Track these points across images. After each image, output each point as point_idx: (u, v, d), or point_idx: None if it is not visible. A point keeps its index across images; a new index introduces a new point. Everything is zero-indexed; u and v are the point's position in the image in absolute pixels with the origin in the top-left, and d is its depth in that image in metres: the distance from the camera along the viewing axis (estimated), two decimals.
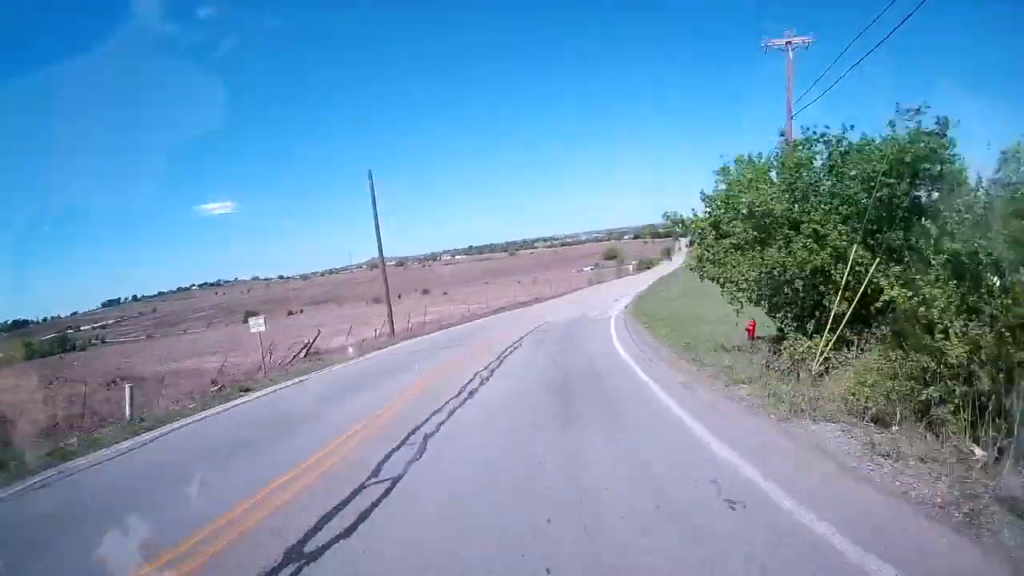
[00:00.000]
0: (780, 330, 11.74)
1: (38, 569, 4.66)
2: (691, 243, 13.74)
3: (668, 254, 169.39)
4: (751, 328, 13.58)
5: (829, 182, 9.75)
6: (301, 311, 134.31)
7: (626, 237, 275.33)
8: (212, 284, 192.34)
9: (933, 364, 5.51)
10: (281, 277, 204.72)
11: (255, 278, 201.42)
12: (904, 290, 6.22)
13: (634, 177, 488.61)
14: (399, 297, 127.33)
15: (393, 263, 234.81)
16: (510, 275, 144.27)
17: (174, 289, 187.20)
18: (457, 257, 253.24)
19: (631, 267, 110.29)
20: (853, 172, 9.04)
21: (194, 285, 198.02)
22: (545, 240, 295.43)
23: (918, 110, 8.23)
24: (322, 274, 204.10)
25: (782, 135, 14.50)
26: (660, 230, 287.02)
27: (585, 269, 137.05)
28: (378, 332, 33.90)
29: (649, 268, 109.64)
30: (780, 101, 19.77)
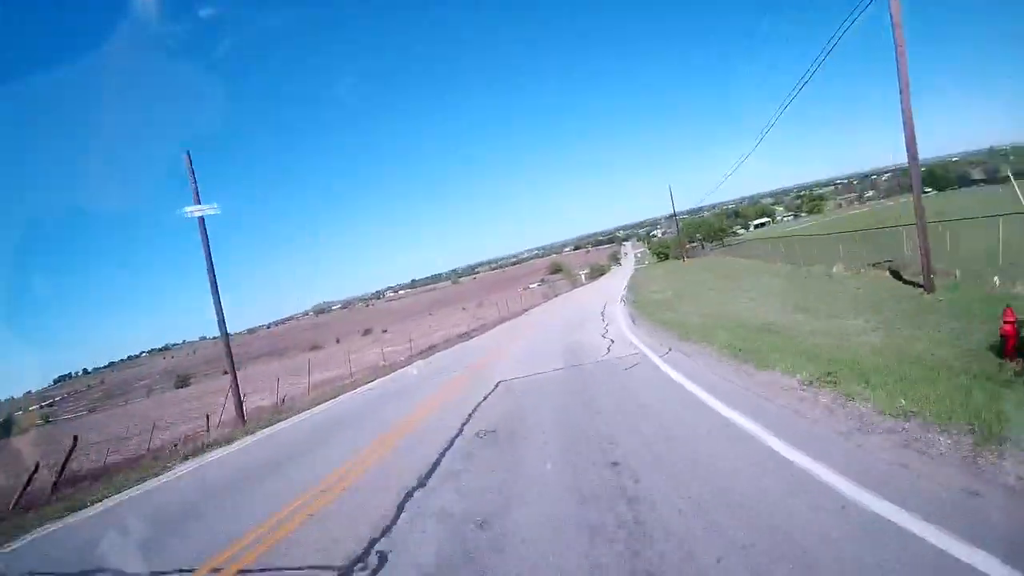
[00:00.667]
0: None
1: None
2: None
3: (616, 259, 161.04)
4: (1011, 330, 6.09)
5: None
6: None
7: (566, 249, 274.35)
8: (160, 349, 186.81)
9: None
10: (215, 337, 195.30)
11: (203, 337, 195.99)
12: None
13: (571, 190, 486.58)
14: (337, 341, 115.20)
15: (339, 305, 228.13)
16: (456, 303, 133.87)
17: (124, 358, 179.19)
18: (401, 292, 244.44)
19: (583, 276, 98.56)
20: None
21: (143, 352, 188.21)
22: (486, 264, 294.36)
23: None
24: (268, 326, 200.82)
25: None
26: (601, 237, 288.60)
27: (532, 286, 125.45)
28: (219, 420, 20.04)
29: (603, 275, 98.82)
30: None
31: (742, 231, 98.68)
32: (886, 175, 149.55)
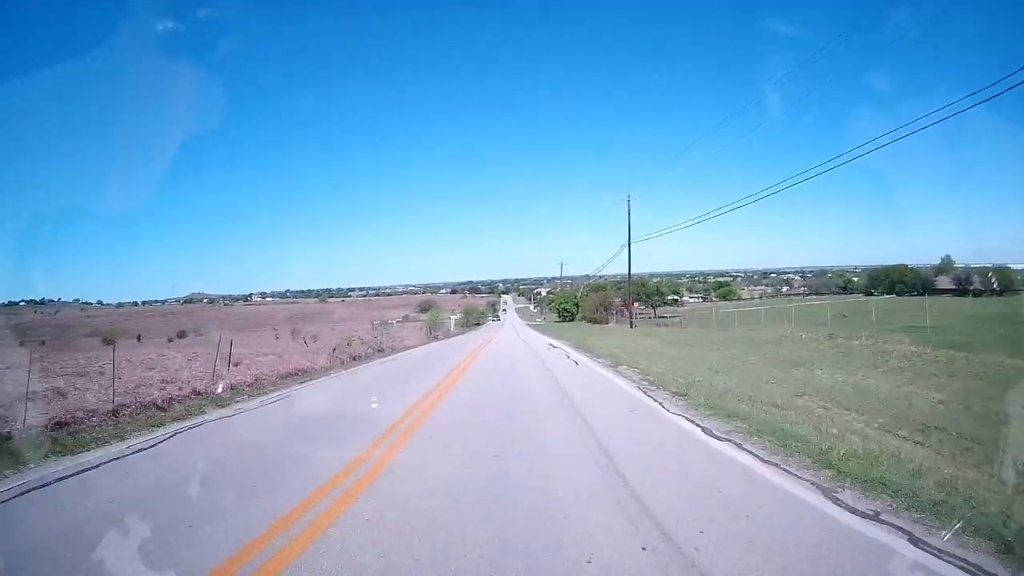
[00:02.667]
0: None
1: None
2: None
3: (494, 309, 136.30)
4: None
5: None
6: (42, 341, 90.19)
7: (443, 291, 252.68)
8: (38, 302, 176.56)
9: None
10: (99, 303, 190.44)
11: (76, 300, 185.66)
12: None
13: (458, 233, 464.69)
14: (138, 339, 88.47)
15: (206, 299, 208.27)
16: (303, 322, 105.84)
17: (4, 303, 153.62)
18: (268, 300, 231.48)
19: (452, 322, 67.60)
20: None
21: (23, 301, 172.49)
22: (362, 290, 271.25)
23: None
24: (136, 304, 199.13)
25: None
26: (480, 286, 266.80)
27: (392, 321, 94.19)
28: None
29: (480, 325, 71.73)
30: None
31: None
32: (789, 274, 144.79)
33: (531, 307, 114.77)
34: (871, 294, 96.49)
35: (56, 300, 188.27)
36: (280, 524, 3.94)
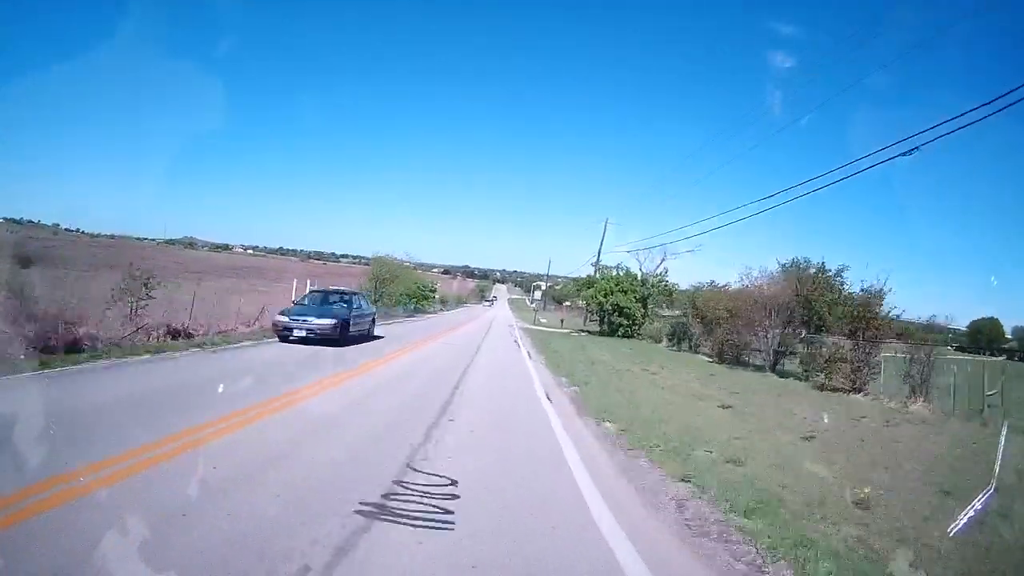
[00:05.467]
0: None
1: None
2: None
3: (482, 298, 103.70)
4: None
5: None
6: None
7: (435, 270, 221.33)
8: (16, 220, 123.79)
9: None
10: (79, 230, 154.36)
11: (56, 224, 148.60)
12: None
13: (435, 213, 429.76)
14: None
15: (185, 245, 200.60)
16: (225, 276, 78.80)
17: None
18: (249, 251, 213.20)
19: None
20: None
21: (2, 218, 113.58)
22: (355, 257, 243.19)
23: None
24: (112, 236, 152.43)
25: None
26: (475, 272, 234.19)
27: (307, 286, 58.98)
28: None
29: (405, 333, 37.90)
30: None
31: None
32: None
33: (529, 299, 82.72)
34: (969, 351, 65.05)
35: (36, 221, 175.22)
36: None
